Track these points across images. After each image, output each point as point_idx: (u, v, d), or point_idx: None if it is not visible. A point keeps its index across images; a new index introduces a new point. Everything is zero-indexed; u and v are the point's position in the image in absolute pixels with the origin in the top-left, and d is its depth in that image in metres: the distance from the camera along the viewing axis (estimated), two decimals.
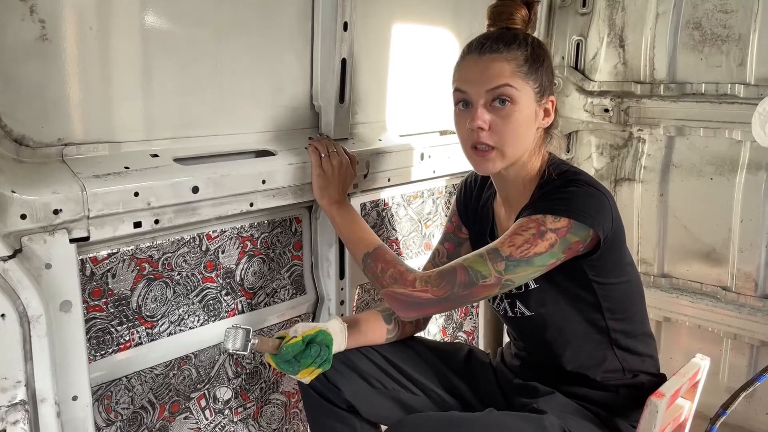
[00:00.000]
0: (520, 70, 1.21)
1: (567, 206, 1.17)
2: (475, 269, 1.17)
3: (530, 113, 1.23)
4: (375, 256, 1.31)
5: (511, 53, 1.21)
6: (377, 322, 1.42)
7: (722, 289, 2.05)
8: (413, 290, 1.21)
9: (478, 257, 1.19)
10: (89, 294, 1.25)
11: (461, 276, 1.18)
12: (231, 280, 1.50)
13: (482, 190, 1.48)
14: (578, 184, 1.20)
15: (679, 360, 2.13)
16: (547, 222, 1.16)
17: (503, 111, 1.21)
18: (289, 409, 1.71)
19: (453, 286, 1.18)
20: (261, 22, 1.43)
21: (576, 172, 1.26)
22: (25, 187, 1.06)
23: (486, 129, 1.21)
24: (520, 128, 1.22)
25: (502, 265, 1.16)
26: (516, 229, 1.18)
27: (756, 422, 2.04)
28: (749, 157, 1.94)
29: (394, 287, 1.24)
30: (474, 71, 1.24)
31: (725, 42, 1.94)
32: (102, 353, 1.29)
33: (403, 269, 1.25)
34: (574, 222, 1.16)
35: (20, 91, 1.11)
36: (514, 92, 1.20)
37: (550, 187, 1.23)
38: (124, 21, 1.22)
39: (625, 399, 1.30)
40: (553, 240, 1.15)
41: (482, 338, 2.26)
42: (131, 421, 1.37)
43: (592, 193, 1.20)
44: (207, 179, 1.31)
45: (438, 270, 1.22)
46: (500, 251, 1.17)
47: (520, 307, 1.33)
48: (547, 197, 1.21)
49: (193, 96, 1.36)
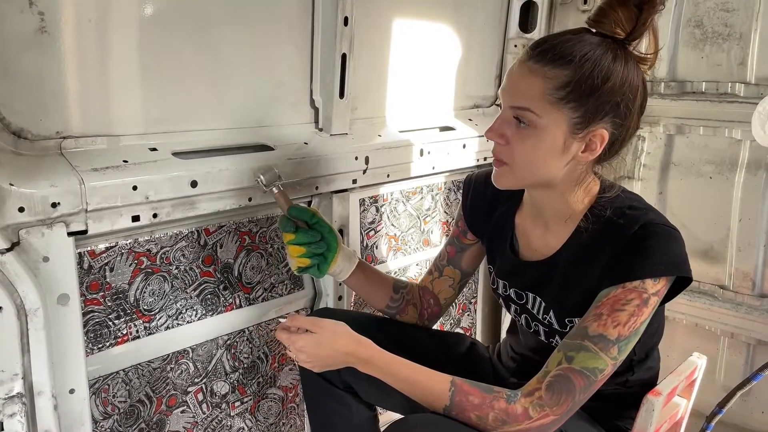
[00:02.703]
0: (553, 94, 1.04)
1: (663, 262, 1.05)
2: (590, 368, 1.04)
3: (556, 143, 1.07)
4: (459, 406, 1.05)
5: (555, 71, 1.04)
6: (386, 284, 1.42)
7: (720, 287, 2.05)
8: (531, 423, 1.03)
9: (585, 353, 1.04)
10: (87, 287, 1.25)
11: (579, 382, 1.04)
12: (229, 274, 1.50)
13: (497, 195, 1.33)
14: (657, 228, 1.08)
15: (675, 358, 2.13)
16: (648, 288, 1.05)
17: (522, 131, 1.07)
18: (286, 403, 1.72)
19: (574, 396, 1.04)
20: (261, 16, 1.43)
21: (640, 208, 1.13)
22: (24, 180, 1.06)
23: (503, 143, 1.10)
24: (536, 155, 1.08)
25: (615, 350, 1.04)
26: (614, 303, 1.05)
27: (752, 420, 2.04)
28: (749, 157, 1.94)
29: (506, 428, 1.03)
30: (510, 79, 1.10)
31: (726, 40, 1.94)
32: (99, 346, 1.29)
33: (503, 404, 1.04)
34: (672, 277, 1.07)
35: (19, 84, 1.11)
36: (534, 118, 1.05)
37: (622, 236, 1.09)
38: (124, 14, 1.21)
39: (620, 400, 1.29)
40: (655, 302, 1.06)
41: (480, 334, 2.26)
42: (128, 414, 1.37)
43: (674, 235, 1.09)
44: (206, 173, 1.30)
45: (546, 386, 1.04)
46: (607, 336, 1.03)
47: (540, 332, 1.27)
48: (634, 255, 1.06)
49: (192, 90, 1.35)
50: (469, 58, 1.98)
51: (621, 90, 1.05)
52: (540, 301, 1.24)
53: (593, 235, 1.14)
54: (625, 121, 1.08)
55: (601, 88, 1.04)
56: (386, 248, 1.87)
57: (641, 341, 1.20)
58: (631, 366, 1.26)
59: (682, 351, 2.13)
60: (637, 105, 1.09)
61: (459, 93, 2.01)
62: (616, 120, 1.07)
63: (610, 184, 1.18)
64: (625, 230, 1.09)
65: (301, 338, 1.14)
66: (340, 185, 1.61)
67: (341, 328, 1.16)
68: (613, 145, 1.11)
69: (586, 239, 1.15)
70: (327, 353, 1.13)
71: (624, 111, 1.07)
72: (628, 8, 1.05)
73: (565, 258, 1.19)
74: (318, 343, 1.13)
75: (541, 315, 1.25)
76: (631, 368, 1.27)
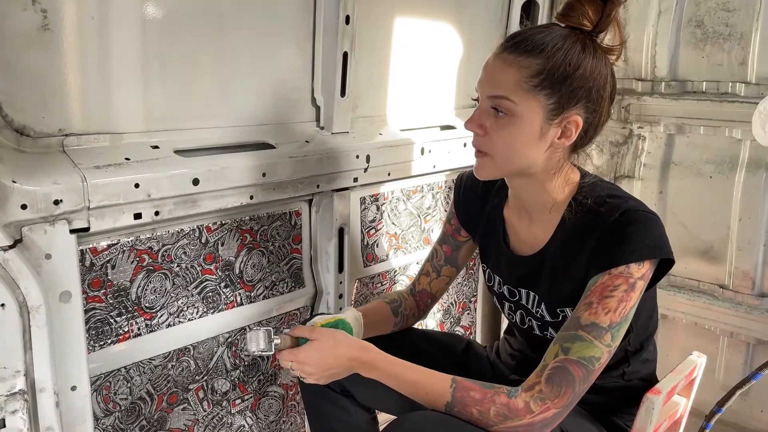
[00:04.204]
0: (528, 82, 1.08)
1: (645, 246, 1.08)
2: (587, 357, 1.05)
3: (533, 130, 1.11)
4: (461, 402, 1.06)
5: (528, 60, 1.08)
6: (386, 314, 1.42)
7: (719, 287, 2.06)
8: (533, 417, 1.03)
9: (580, 343, 1.05)
10: (89, 285, 1.25)
11: (577, 372, 1.05)
12: (230, 272, 1.50)
13: (487, 191, 1.38)
14: (636, 214, 1.11)
15: (675, 357, 2.14)
16: (634, 272, 1.07)
17: (500, 121, 1.11)
18: (287, 401, 1.72)
19: (574, 387, 1.04)
20: (263, 15, 1.43)
21: (619, 196, 1.16)
22: (26, 178, 1.07)
23: (482, 134, 1.14)
24: (514, 142, 1.12)
25: (609, 336, 1.06)
26: (602, 291, 1.07)
27: (751, 419, 2.05)
28: (749, 156, 1.94)
29: (509, 423, 1.04)
30: (486, 71, 1.14)
31: (727, 40, 1.94)
32: (101, 344, 1.29)
33: (504, 399, 1.05)
34: (656, 260, 1.10)
35: (21, 81, 1.11)
36: (511, 106, 1.09)
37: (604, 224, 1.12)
38: (126, 11, 1.22)
39: (619, 398, 1.30)
40: (642, 286, 1.08)
41: (480, 333, 2.27)
42: (129, 411, 1.37)
43: (654, 220, 1.11)
44: (207, 171, 1.31)
45: (546, 379, 1.05)
46: (599, 324, 1.05)
47: (534, 327, 1.29)
48: (617, 241, 1.09)
49: (194, 88, 1.36)
50: (470, 57, 1.98)
51: (592, 77, 1.11)
52: (533, 295, 1.26)
53: (577, 225, 1.17)
54: (597, 107, 1.13)
55: (572, 75, 1.09)
56: (387, 246, 1.87)
57: (635, 332, 1.22)
58: (627, 357, 1.27)
59: (682, 350, 2.14)
60: (608, 92, 1.14)
61: (460, 92, 2.01)
62: (589, 105, 1.12)
63: (586, 173, 1.22)
64: (606, 218, 1.12)
65: (302, 349, 1.13)
66: (341, 184, 1.61)
67: (340, 335, 1.16)
68: (588, 132, 1.16)
69: (570, 230, 1.18)
70: (330, 361, 1.13)
71: (596, 97, 1.12)
72: (594, 2, 1.11)
73: (553, 250, 1.21)
74: (319, 350, 1.13)
75: (534, 308, 1.26)
76: (627, 359, 1.28)
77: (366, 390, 1.34)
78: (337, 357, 1.13)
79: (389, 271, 1.90)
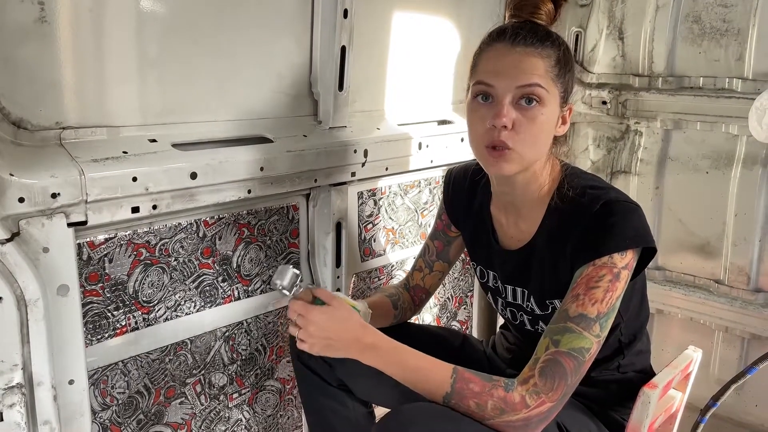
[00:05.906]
0: (551, 71, 1.11)
1: (627, 236, 1.10)
2: (577, 348, 1.06)
3: (554, 119, 1.14)
4: (459, 394, 1.06)
5: (546, 51, 1.11)
6: (388, 307, 1.43)
7: (715, 282, 2.07)
8: (529, 411, 1.03)
9: (570, 335, 1.06)
10: (86, 278, 1.25)
11: (569, 364, 1.05)
12: (228, 266, 1.50)
13: (474, 188, 1.38)
14: (617, 205, 1.12)
15: (670, 351, 2.15)
16: (617, 262, 1.08)
17: (530, 112, 1.10)
18: (284, 395, 1.72)
19: (566, 379, 1.05)
20: (261, 8, 1.42)
21: (600, 187, 1.18)
22: (24, 171, 1.06)
23: (509, 128, 1.11)
24: (542, 132, 1.13)
25: (597, 327, 1.07)
26: (588, 282, 1.09)
27: (746, 414, 2.06)
28: (745, 152, 1.95)
29: (505, 417, 1.04)
30: (505, 63, 1.11)
31: (724, 36, 1.95)
32: (98, 338, 1.29)
33: (502, 393, 1.04)
34: (638, 249, 1.12)
35: (18, 74, 1.10)
36: (544, 93, 1.10)
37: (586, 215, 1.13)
38: (124, 4, 1.21)
39: (616, 392, 1.31)
40: (626, 275, 1.10)
41: (476, 327, 2.27)
42: (127, 405, 1.37)
43: (635, 209, 1.13)
44: (205, 165, 1.30)
45: (539, 372, 1.06)
46: (587, 315, 1.06)
47: (525, 322, 1.31)
48: (599, 233, 1.11)
49: (192, 81, 1.35)
50: (467, 51, 1.97)
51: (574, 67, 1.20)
52: (522, 290, 1.28)
53: (562, 216, 1.19)
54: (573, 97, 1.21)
55: (573, 64, 1.17)
56: (384, 241, 1.87)
57: (626, 322, 1.24)
58: (621, 349, 1.29)
59: (678, 345, 2.15)
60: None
61: (458, 87, 2.01)
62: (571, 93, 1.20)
63: (563, 162, 1.26)
64: (588, 210, 1.13)
65: (316, 308, 1.13)
66: (338, 178, 1.61)
67: (355, 315, 1.16)
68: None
69: (555, 221, 1.20)
70: (334, 332, 1.12)
71: (574, 85, 1.21)
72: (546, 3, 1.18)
73: (539, 244, 1.23)
74: (331, 317, 1.12)
75: (524, 303, 1.28)
76: (621, 351, 1.29)
77: (363, 384, 1.35)
78: (344, 330, 1.13)
79: (386, 266, 1.90)
